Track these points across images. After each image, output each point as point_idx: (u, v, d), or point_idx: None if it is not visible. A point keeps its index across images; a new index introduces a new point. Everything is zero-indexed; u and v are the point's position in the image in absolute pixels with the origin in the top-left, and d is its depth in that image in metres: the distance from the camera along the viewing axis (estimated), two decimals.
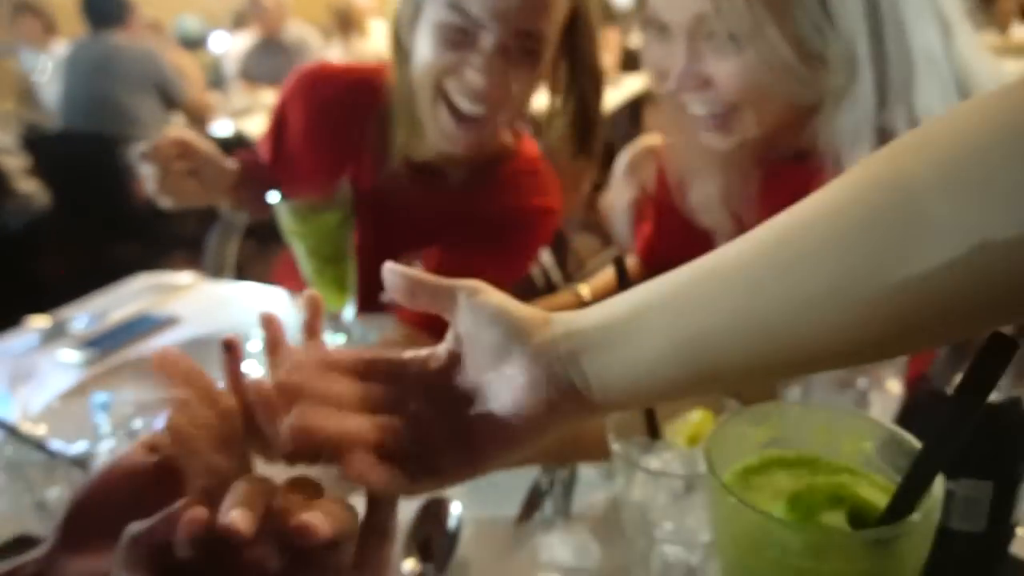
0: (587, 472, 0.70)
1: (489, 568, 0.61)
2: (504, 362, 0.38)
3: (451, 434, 0.38)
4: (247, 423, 0.42)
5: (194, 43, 4.83)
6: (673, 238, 1.03)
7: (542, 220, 1.08)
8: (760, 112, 0.76)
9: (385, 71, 1.02)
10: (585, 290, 1.00)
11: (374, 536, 0.37)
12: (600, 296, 0.99)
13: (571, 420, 0.38)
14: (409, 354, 0.42)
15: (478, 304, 0.39)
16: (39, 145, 3.29)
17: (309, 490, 0.36)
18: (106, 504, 0.39)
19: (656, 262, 1.03)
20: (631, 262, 1.13)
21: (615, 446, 0.52)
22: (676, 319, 0.34)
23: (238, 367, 0.44)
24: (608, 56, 3.50)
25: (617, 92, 3.37)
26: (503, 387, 0.38)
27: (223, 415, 0.41)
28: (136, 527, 0.33)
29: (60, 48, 4.16)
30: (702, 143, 0.82)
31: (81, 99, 3.14)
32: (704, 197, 0.89)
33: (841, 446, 0.39)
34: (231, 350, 0.43)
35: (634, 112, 3.83)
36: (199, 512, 0.32)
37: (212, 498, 0.35)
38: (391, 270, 0.41)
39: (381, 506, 0.38)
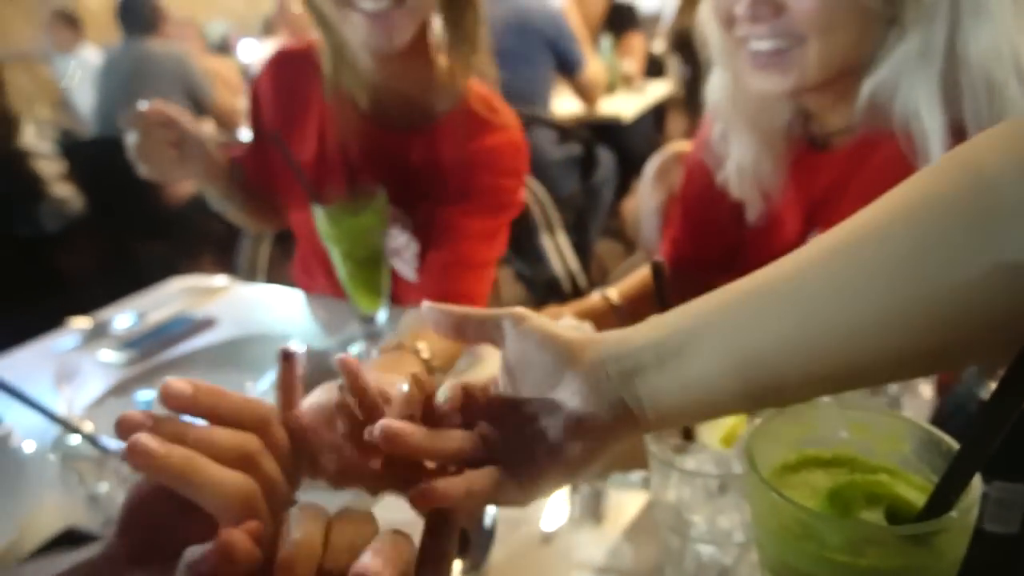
0: (616, 473, 0.71)
1: (523, 568, 0.62)
2: (555, 388, 0.38)
3: (514, 457, 0.39)
4: (296, 439, 0.43)
5: (223, 49, 4.91)
6: (700, 239, 1.04)
7: (503, 156, 1.07)
8: (824, 48, 0.76)
9: None
10: (614, 294, 1.01)
11: (431, 563, 0.36)
12: (630, 300, 1.01)
13: (624, 439, 0.38)
14: (472, 382, 0.42)
15: (525, 332, 0.40)
16: (73, 150, 3.37)
17: (362, 522, 0.36)
18: (156, 505, 0.39)
19: (683, 263, 1.04)
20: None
21: (651, 447, 0.53)
22: (731, 337, 0.35)
23: (294, 379, 0.44)
24: (632, 63, 3.50)
25: (641, 98, 3.37)
26: (556, 412, 0.38)
27: (258, 425, 0.41)
28: (193, 552, 0.33)
29: (91, 54, 4.26)
30: (751, 99, 0.83)
31: (115, 105, 3.21)
32: (738, 168, 0.90)
33: (878, 446, 0.40)
34: (287, 359, 0.44)
35: (658, 118, 3.83)
36: (229, 544, 0.32)
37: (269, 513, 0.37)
38: (433, 309, 0.42)
39: (441, 531, 0.38)
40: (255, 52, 4.68)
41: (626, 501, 0.69)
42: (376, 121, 1.08)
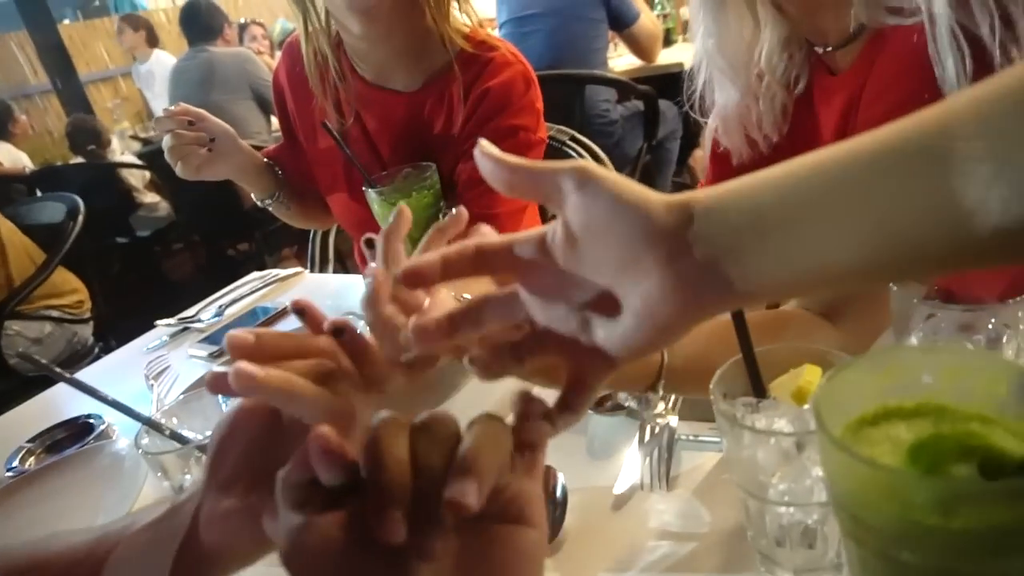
0: (684, 435, 0.68)
1: (598, 536, 0.61)
2: (631, 264, 0.33)
3: (573, 334, 0.36)
4: (353, 355, 0.44)
5: None
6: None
7: (511, 93, 1.03)
8: None
9: None
10: None
11: (523, 458, 0.35)
12: None
13: (706, 317, 0.34)
14: (519, 238, 0.37)
15: (591, 195, 0.34)
16: (155, 158, 3.54)
17: (444, 431, 0.34)
18: (240, 442, 0.43)
19: None
20: None
21: (719, 406, 0.50)
22: (863, 203, 0.30)
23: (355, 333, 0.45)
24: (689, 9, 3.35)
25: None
26: (632, 292, 0.33)
27: (320, 354, 0.43)
28: (283, 471, 0.34)
29: (166, 59, 4.44)
30: (736, 45, 0.77)
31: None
32: (722, 117, 0.84)
33: (970, 392, 0.35)
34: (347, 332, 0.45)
35: None
36: (322, 435, 0.32)
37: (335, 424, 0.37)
38: (484, 153, 0.36)
39: (531, 424, 0.36)
40: None
41: (697, 464, 0.66)
42: (382, 85, 1.08)
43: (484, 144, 0.37)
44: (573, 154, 1.36)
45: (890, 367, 0.37)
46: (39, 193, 3.29)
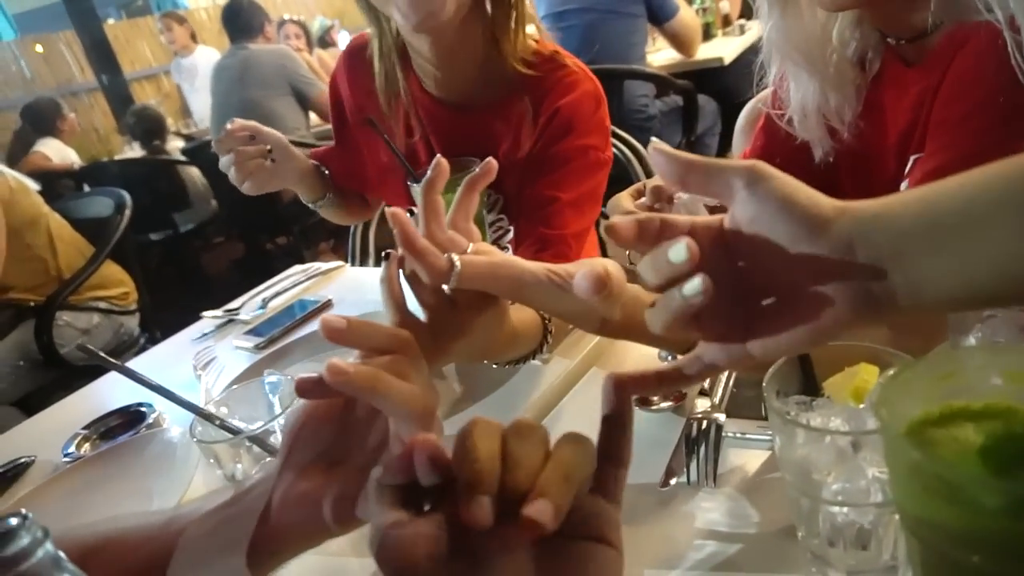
0: (730, 432, 0.68)
1: (643, 534, 0.60)
2: (791, 264, 0.34)
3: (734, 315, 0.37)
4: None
5: (325, 44, 5.10)
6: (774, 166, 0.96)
7: (581, 113, 1.01)
8: None
9: None
10: None
11: (610, 462, 0.37)
12: None
13: (861, 326, 0.34)
14: (701, 221, 0.38)
15: (762, 193, 0.34)
16: (196, 154, 3.62)
17: (534, 437, 0.35)
18: (314, 428, 0.45)
19: None
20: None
21: (772, 403, 0.50)
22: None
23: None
24: (728, 2, 3.31)
25: (741, 39, 3.18)
26: (791, 293, 0.34)
27: (403, 347, 0.45)
28: (377, 471, 0.36)
29: (209, 55, 4.53)
30: (808, 34, 0.76)
31: (229, 107, 3.41)
32: (801, 109, 0.83)
33: None
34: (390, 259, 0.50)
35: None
36: (427, 442, 0.34)
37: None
38: (658, 152, 0.37)
39: (616, 431, 0.37)
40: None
41: (744, 461, 0.65)
42: (449, 103, 1.07)
43: (656, 142, 0.38)
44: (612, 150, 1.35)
45: (954, 367, 0.36)
46: (86, 188, 3.39)
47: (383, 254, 0.54)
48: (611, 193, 1.08)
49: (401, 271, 0.54)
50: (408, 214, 0.53)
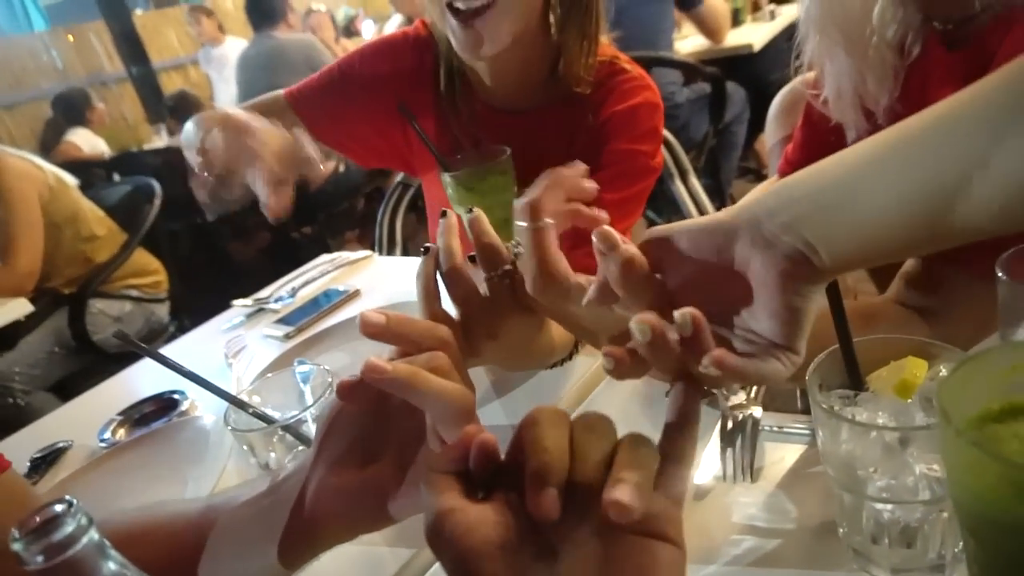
0: (767, 426, 0.67)
1: None
2: (732, 265, 0.39)
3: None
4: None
5: (350, 33, 5.11)
6: (811, 149, 0.95)
7: (637, 119, 1.01)
8: None
9: None
10: None
11: (673, 462, 0.36)
12: None
13: (814, 286, 0.38)
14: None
15: (681, 237, 0.40)
16: None
17: (603, 428, 0.36)
18: (348, 421, 0.45)
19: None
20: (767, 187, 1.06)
21: (816, 397, 0.48)
22: (908, 171, 0.34)
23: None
24: None
25: (771, 24, 3.12)
26: (751, 278, 0.38)
27: (442, 343, 0.45)
28: (434, 460, 0.36)
29: (238, 45, 4.57)
30: (847, 14, 0.75)
31: (254, 96, 3.43)
32: (836, 89, 0.81)
33: None
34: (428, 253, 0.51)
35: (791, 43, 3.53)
36: (486, 440, 0.34)
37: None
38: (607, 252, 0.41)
39: (680, 431, 0.38)
40: (374, 32, 4.84)
41: (781, 456, 0.64)
42: (502, 109, 1.06)
43: (601, 237, 0.42)
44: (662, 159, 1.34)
45: (1016, 362, 0.35)
46: (116, 177, 3.43)
47: (421, 248, 0.55)
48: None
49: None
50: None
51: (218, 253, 4.10)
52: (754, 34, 2.96)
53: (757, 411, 0.66)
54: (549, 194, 0.49)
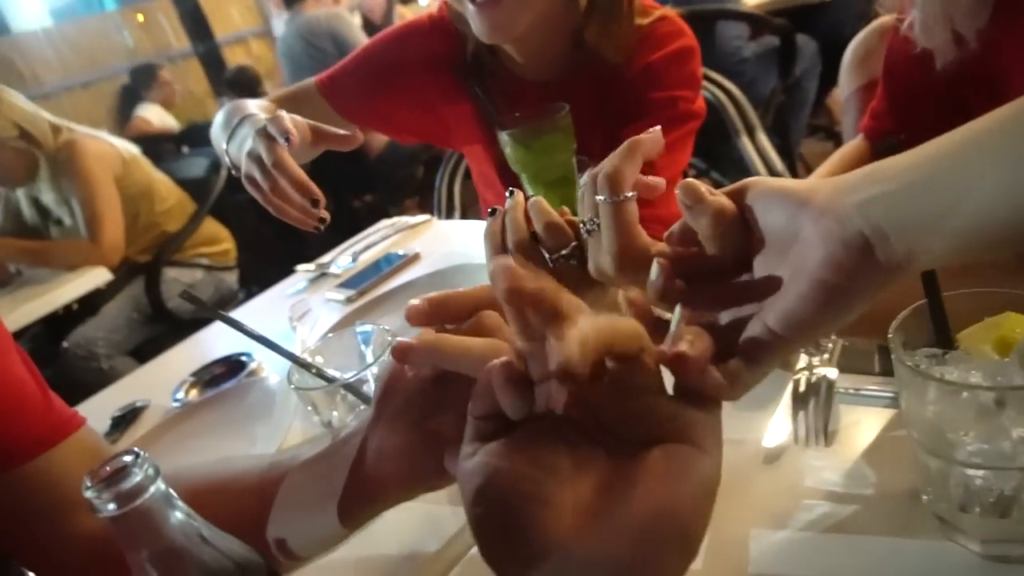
0: (843, 388, 0.63)
1: (748, 492, 0.57)
2: (795, 238, 0.35)
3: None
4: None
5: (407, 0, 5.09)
6: (904, 109, 0.90)
7: (673, 66, 0.99)
8: None
9: None
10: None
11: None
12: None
13: (872, 284, 0.33)
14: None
15: (757, 195, 0.37)
16: None
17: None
18: (406, 380, 0.44)
19: (879, 129, 0.93)
20: (854, 148, 1.00)
21: (901, 356, 0.45)
22: (1002, 161, 0.30)
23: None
24: None
25: None
26: (799, 260, 0.34)
27: (490, 302, 0.43)
28: (470, 407, 0.34)
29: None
30: None
31: (300, 70, 3.52)
32: (923, 9, 0.75)
33: None
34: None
35: None
36: (500, 363, 0.32)
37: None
38: (684, 185, 0.38)
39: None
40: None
41: (858, 419, 0.61)
42: (532, 80, 1.05)
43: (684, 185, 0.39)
44: (706, 94, 1.29)
45: None
46: (185, 150, 3.53)
47: (489, 210, 0.54)
48: (707, 142, 1.03)
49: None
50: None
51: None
52: None
53: (832, 372, 0.63)
54: (628, 164, 0.46)
